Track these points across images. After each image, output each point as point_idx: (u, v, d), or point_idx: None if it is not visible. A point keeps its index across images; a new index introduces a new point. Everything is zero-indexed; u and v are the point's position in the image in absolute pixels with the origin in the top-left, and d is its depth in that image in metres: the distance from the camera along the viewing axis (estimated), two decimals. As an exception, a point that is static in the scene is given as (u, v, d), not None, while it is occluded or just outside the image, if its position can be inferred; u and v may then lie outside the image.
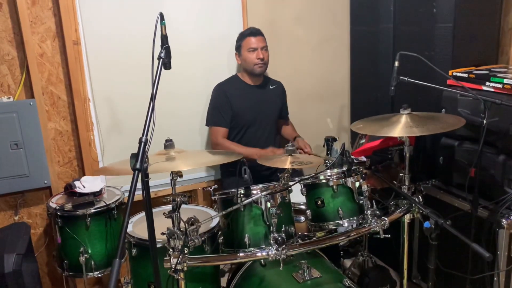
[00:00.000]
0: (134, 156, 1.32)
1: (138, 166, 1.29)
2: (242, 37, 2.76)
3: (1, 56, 2.42)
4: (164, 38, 1.56)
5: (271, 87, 2.92)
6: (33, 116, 2.46)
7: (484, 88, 2.22)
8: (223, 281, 2.20)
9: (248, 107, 2.79)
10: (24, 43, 2.41)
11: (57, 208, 2.29)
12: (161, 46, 1.56)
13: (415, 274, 2.57)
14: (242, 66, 2.81)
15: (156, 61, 1.52)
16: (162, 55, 1.54)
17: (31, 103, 2.45)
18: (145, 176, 1.37)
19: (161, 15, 1.53)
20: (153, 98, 1.42)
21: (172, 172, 1.67)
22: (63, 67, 2.56)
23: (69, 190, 2.42)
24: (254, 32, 2.74)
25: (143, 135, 1.36)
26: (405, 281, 2.20)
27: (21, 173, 2.46)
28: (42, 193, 2.62)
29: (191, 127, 2.92)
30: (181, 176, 1.68)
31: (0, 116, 2.38)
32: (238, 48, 2.78)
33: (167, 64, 1.57)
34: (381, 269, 2.50)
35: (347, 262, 2.81)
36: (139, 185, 1.34)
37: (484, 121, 1.91)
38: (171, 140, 1.76)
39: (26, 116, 2.43)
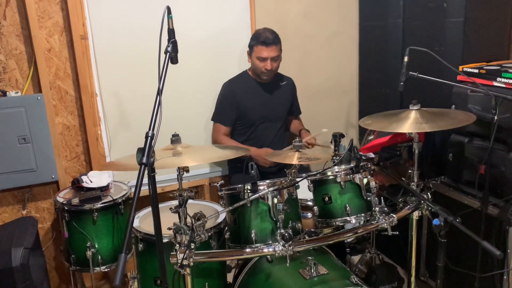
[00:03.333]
0: (141, 151, 1.31)
1: (144, 160, 1.28)
2: (255, 40, 2.66)
3: (9, 51, 2.42)
4: (171, 32, 1.55)
5: (281, 84, 2.89)
6: (41, 111, 2.46)
7: (495, 83, 2.19)
8: (230, 277, 2.19)
9: (257, 105, 2.77)
10: (32, 37, 2.41)
11: (64, 202, 2.29)
12: (168, 40, 1.54)
13: (423, 272, 2.55)
14: (251, 66, 2.79)
15: (163, 55, 1.51)
16: (169, 49, 1.52)
17: (39, 98, 2.45)
18: (152, 171, 1.36)
19: (168, 8, 1.52)
20: (159, 92, 1.41)
21: (178, 167, 1.66)
22: (71, 61, 2.56)
23: (76, 185, 2.43)
24: (267, 42, 2.62)
25: (149, 129, 1.36)
26: (413, 279, 2.18)
27: (29, 168, 2.47)
28: (49, 188, 2.63)
29: (198, 122, 2.91)
30: (187, 171, 1.67)
31: (8, 110, 2.38)
32: (250, 48, 2.72)
33: (173, 59, 1.56)
34: (388, 266, 2.48)
35: (354, 259, 2.80)
36: (146, 180, 1.34)
37: (495, 117, 1.89)
38: (177, 135, 1.75)
39: (34, 111, 2.44)
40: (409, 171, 2.06)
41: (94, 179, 2.45)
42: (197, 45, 2.80)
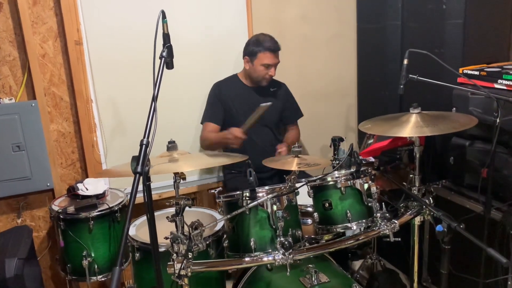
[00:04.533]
0: (135, 159, 1.27)
1: (139, 169, 1.24)
2: (260, 46, 2.60)
3: (2, 57, 2.38)
4: (166, 37, 1.51)
5: (271, 89, 2.81)
6: (35, 118, 2.42)
7: (496, 86, 2.16)
8: (229, 284, 2.15)
9: (242, 109, 2.71)
10: (26, 43, 2.37)
11: (59, 211, 2.25)
12: (163, 45, 1.51)
13: (425, 277, 2.51)
14: (248, 72, 2.72)
15: (157, 61, 1.47)
16: (164, 54, 1.49)
17: (33, 105, 2.41)
18: (147, 180, 1.32)
19: (163, 13, 1.48)
20: (154, 98, 1.37)
21: (175, 174, 1.63)
22: (65, 67, 2.52)
23: (72, 193, 2.39)
24: (274, 48, 2.61)
25: (144, 137, 1.32)
26: (415, 285, 2.14)
27: (24, 176, 2.43)
28: (45, 196, 2.59)
29: (196, 128, 2.87)
30: (184, 178, 1.63)
31: (1, 117, 2.34)
32: (252, 54, 2.64)
33: (169, 64, 1.52)
34: (390, 272, 2.45)
35: (356, 264, 2.76)
36: (141, 187, 1.30)
37: (497, 120, 1.85)
38: (174, 142, 1.72)
39: (28, 118, 2.40)
40: (410, 175, 2.02)
41: (90, 186, 2.41)
42: (193, 50, 2.77)
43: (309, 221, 2.11)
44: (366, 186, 1.90)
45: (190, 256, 1.59)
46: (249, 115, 2.58)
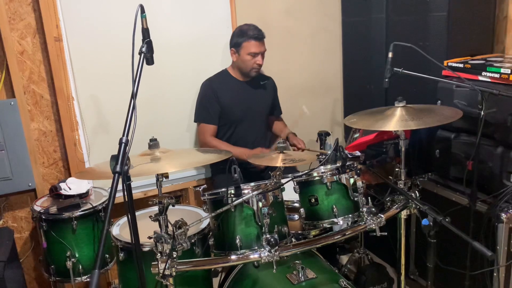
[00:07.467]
0: (115, 158, 1.24)
1: (118, 169, 1.21)
2: (244, 36, 2.59)
3: (-21, 55, 2.32)
4: (145, 32, 1.48)
5: (261, 83, 2.82)
6: (15, 117, 2.36)
7: (480, 78, 2.16)
8: (215, 282, 2.13)
9: (237, 104, 2.71)
10: (3, 40, 2.31)
11: (41, 211, 2.21)
12: (142, 40, 1.47)
13: (412, 270, 2.51)
14: (237, 64, 2.70)
15: (137, 56, 1.44)
16: (144, 49, 1.45)
17: (12, 103, 2.35)
18: (127, 179, 1.28)
19: (141, 7, 1.44)
20: (134, 95, 1.34)
21: (157, 174, 1.59)
22: (45, 64, 2.46)
23: (55, 193, 2.34)
24: (258, 36, 2.60)
25: (123, 135, 1.28)
26: (402, 278, 2.14)
27: (4, 176, 2.37)
28: (26, 196, 2.53)
29: (180, 124, 2.84)
30: (167, 177, 1.60)
31: (-21, 117, 2.29)
32: (237, 45, 2.62)
33: (149, 59, 1.49)
34: (377, 266, 2.44)
35: (343, 258, 2.76)
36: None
37: (482, 113, 1.86)
38: (155, 140, 1.67)
39: (7, 117, 2.34)
40: (396, 169, 2.01)
41: (73, 185, 2.37)
42: (178, 46, 2.72)
43: (296, 216, 2.10)
44: (352, 180, 1.89)
45: (174, 256, 1.56)
46: (242, 108, 2.63)
